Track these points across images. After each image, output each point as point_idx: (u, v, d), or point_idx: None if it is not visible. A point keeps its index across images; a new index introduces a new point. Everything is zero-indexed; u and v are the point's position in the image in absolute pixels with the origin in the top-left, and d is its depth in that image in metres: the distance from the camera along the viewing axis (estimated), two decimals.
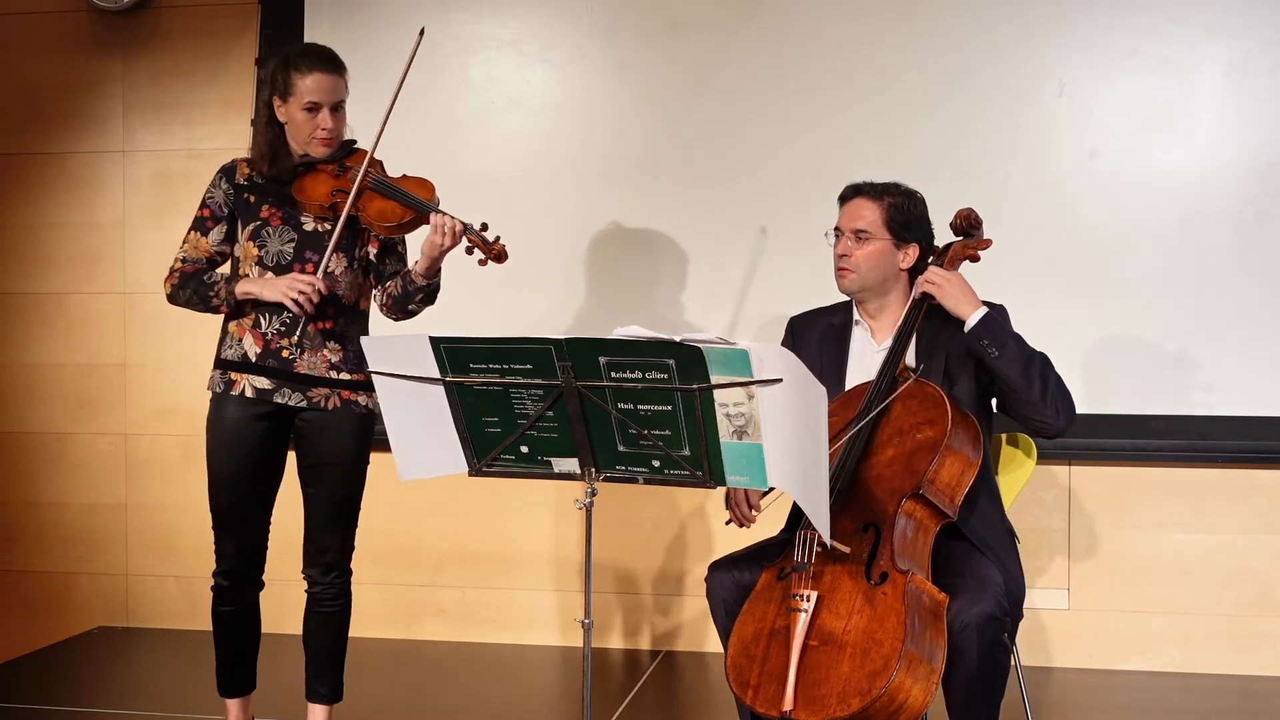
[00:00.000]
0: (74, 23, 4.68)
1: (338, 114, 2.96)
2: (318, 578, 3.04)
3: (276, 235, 2.95)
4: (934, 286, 2.72)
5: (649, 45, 4.29)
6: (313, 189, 2.95)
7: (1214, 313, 3.94)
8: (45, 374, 4.72)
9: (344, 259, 2.98)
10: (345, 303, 2.99)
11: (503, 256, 2.93)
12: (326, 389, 2.95)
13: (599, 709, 3.66)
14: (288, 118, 2.96)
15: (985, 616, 2.40)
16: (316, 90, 2.91)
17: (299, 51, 2.99)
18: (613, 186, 4.30)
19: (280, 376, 2.93)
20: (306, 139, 2.96)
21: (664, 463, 2.33)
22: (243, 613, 3.05)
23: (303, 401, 2.94)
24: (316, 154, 2.97)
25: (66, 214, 4.70)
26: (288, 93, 2.93)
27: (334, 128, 2.95)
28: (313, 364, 2.94)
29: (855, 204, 2.83)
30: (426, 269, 2.95)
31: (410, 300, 3.00)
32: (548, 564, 4.42)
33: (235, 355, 2.95)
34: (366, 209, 2.92)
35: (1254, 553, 4.00)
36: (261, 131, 3.01)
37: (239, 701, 3.12)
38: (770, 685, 2.38)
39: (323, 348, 2.95)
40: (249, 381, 2.93)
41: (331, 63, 2.95)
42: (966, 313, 2.69)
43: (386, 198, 2.92)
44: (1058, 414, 2.66)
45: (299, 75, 2.92)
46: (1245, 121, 3.96)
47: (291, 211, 2.96)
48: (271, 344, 2.93)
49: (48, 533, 4.73)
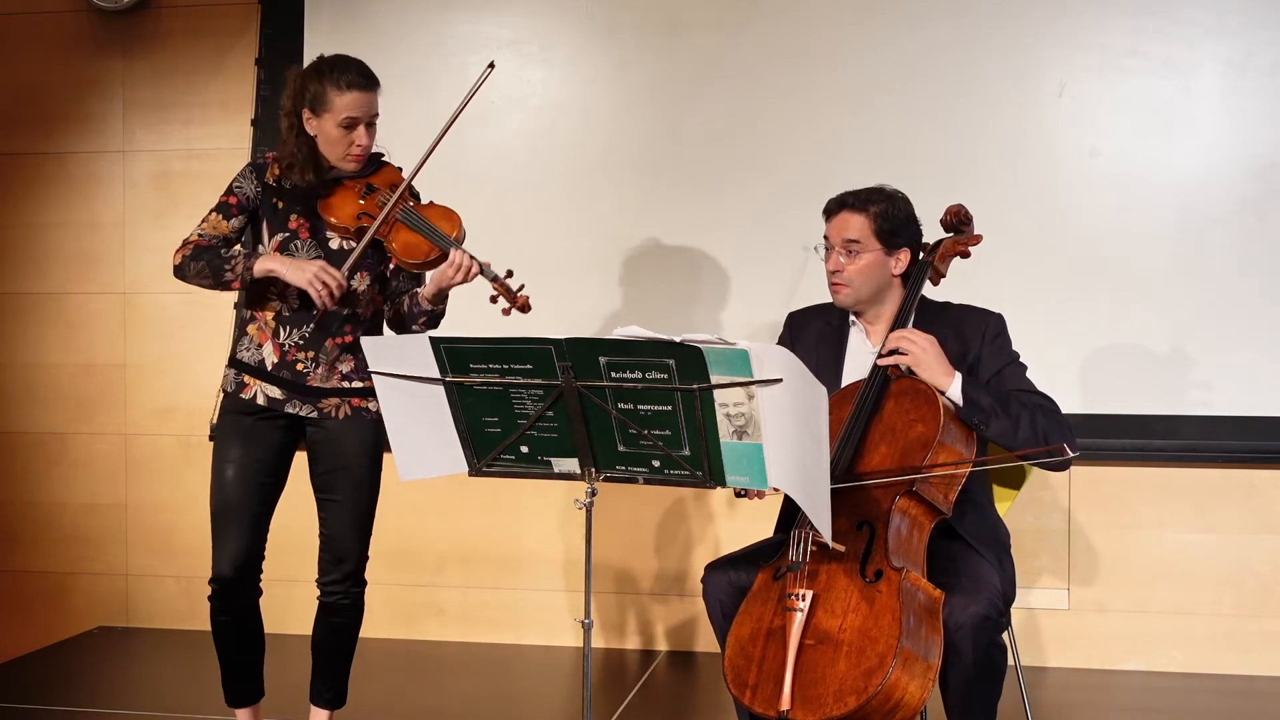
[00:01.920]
0: (74, 23, 4.68)
1: (371, 130, 2.91)
2: (335, 588, 3.01)
3: (305, 249, 2.91)
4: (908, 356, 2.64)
5: (649, 45, 4.29)
6: (339, 208, 2.91)
7: (1214, 312, 3.94)
8: (45, 374, 4.72)
9: (367, 276, 2.97)
10: (363, 318, 2.98)
11: (526, 308, 2.91)
12: (337, 399, 2.95)
13: (599, 709, 3.66)
14: (320, 131, 2.89)
15: (980, 618, 2.40)
16: (354, 107, 2.84)
17: (335, 65, 2.88)
18: (612, 186, 4.30)
19: (291, 388, 2.92)
20: (339, 156, 2.90)
21: (664, 463, 2.33)
22: (242, 621, 3.01)
23: (313, 412, 2.93)
24: (347, 169, 2.93)
25: (66, 214, 4.70)
26: (322, 107, 2.85)
27: (368, 145, 2.91)
28: (326, 378, 2.94)
29: (842, 217, 2.79)
30: (433, 295, 2.94)
31: (414, 321, 3.00)
32: (548, 564, 4.42)
33: (253, 360, 2.93)
34: (393, 241, 2.89)
35: (1254, 553, 4.00)
36: (293, 142, 2.91)
37: (247, 711, 3.09)
38: (768, 685, 2.38)
39: (338, 362, 2.94)
40: (261, 388, 2.92)
41: (369, 79, 2.88)
42: (942, 385, 2.61)
43: (413, 231, 2.88)
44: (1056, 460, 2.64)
45: (336, 91, 2.84)
46: (1245, 121, 3.96)
47: (318, 225, 2.94)
48: (288, 355, 2.91)
49: (47, 533, 4.73)
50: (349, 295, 2.92)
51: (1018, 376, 2.74)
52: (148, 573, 4.67)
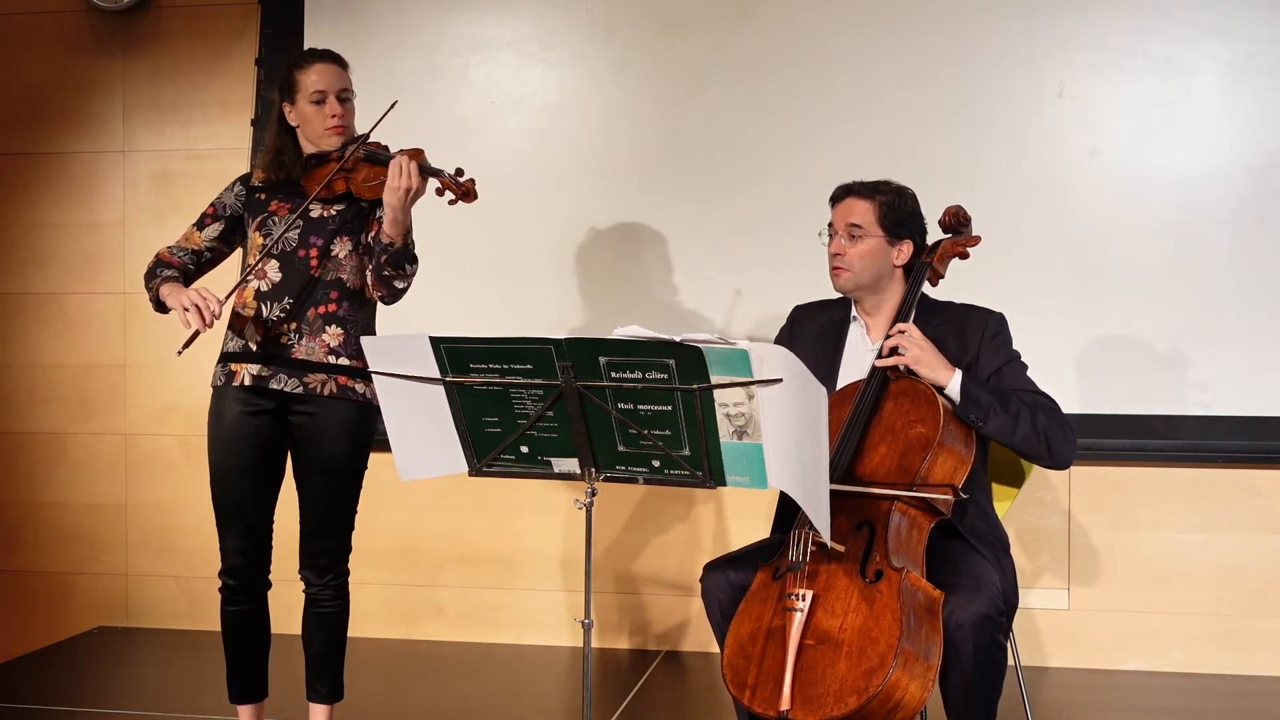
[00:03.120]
0: (74, 23, 4.68)
1: (346, 104, 3.01)
2: (314, 579, 3.03)
3: (281, 223, 2.96)
4: (909, 355, 2.65)
5: (648, 45, 4.29)
6: (318, 174, 2.99)
7: (1213, 312, 3.94)
8: (45, 374, 4.72)
9: (349, 242, 2.98)
10: (350, 287, 2.98)
11: (471, 194, 2.91)
12: (323, 374, 2.94)
13: (599, 709, 3.66)
14: (299, 117, 3.02)
15: (981, 616, 2.40)
16: (320, 79, 2.99)
17: (299, 53, 3.10)
18: (612, 186, 4.30)
19: (277, 362, 2.92)
20: (320, 132, 2.99)
21: (664, 463, 2.33)
22: (252, 613, 3.03)
23: (299, 387, 2.92)
24: (331, 146, 3.00)
25: (66, 214, 4.70)
26: (294, 91, 3.01)
27: (344, 115, 2.99)
28: (310, 349, 2.93)
29: (847, 203, 2.82)
30: (391, 220, 2.86)
31: (380, 265, 2.90)
32: (548, 564, 4.42)
33: (236, 347, 2.96)
34: (354, 179, 2.95)
35: (1254, 553, 4.00)
36: (270, 137, 3.06)
37: (251, 709, 3.09)
38: (767, 685, 2.38)
39: (322, 332, 2.94)
40: (247, 370, 2.94)
41: (333, 55, 3.05)
42: (942, 381, 2.62)
43: (371, 164, 2.95)
44: (1057, 455, 2.64)
45: (301, 72, 3.01)
46: (1245, 121, 3.96)
47: (300, 202, 2.98)
48: (272, 330, 2.93)
49: (48, 533, 4.73)
50: (331, 261, 2.95)
51: (1018, 375, 2.74)
52: (148, 573, 4.67)
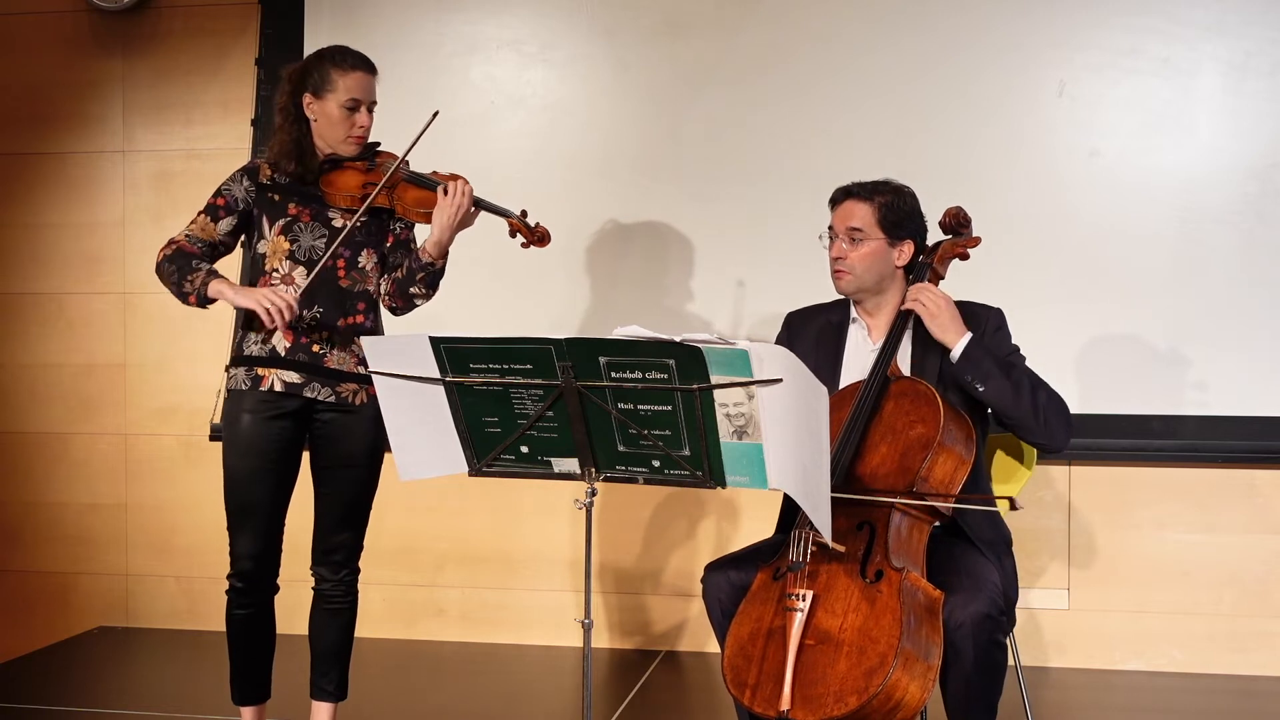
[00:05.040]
0: (74, 23, 4.68)
1: (370, 115, 2.98)
2: (327, 575, 3.03)
3: (308, 230, 2.94)
4: (922, 309, 2.71)
5: (649, 45, 4.29)
6: (343, 182, 2.96)
7: (1213, 312, 3.94)
8: (45, 374, 4.72)
9: (374, 254, 3.00)
10: (374, 298, 3.01)
11: (546, 239, 3.01)
12: (355, 384, 2.96)
13: (599, 709, 3.67)
14: (321, 114, 2.95)
15: (981, 616, 2.40)
16: (358, 87, 2.93)
17: (337, 50, 2.99)
18: (613, 186, 4.30)
19: (310, 371, 2.92)
20: (341, 137, 2.96)
21: (664, 463, 2.33)
22: (258, 615, 3.02)
23: (331, 396, 2.93)
24: (346, 153, 2.97)
25: (66, 214, 4.70)
26: (325, 88, 2.93)
27: (369, 128, 2.97)
28: (342, 359, 2.95)
29: (847, 205, 2.82)
30: (437, 241, 2.92)
31: (412, 281, 2.96)
32: (548, 564, 4.42)
33: (263, 351, 2.93)
34: (404, 198, 2.94)
35: (1254, 553, 4.00)
36: (286, 129, 2.97)
37: (253, 710, 3.08)
38: (767, 685, 2.38)
39: (351, 342, 2.96)
40: (278, 376, 2.92)
41: (371, 64, 2.99)
42: (950, 341, 2.68)
43: (419, 187, 2.95)
44: (1053, 435, 2.66)
45: (340, 73, 2.93)
46: (1245, 121, 3.96)
47: (319, 208, 2.96)
48: (302, 338, 2.92)
49: (48, 533, 4.73)
50: (358, 272, 2.96)
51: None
52: (148, 573, 4.67)
